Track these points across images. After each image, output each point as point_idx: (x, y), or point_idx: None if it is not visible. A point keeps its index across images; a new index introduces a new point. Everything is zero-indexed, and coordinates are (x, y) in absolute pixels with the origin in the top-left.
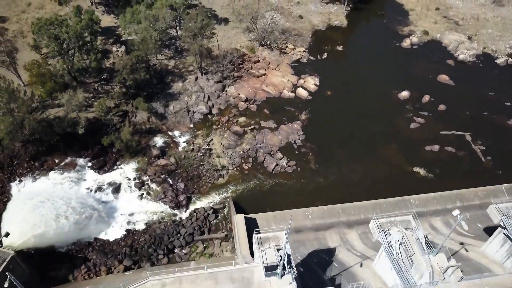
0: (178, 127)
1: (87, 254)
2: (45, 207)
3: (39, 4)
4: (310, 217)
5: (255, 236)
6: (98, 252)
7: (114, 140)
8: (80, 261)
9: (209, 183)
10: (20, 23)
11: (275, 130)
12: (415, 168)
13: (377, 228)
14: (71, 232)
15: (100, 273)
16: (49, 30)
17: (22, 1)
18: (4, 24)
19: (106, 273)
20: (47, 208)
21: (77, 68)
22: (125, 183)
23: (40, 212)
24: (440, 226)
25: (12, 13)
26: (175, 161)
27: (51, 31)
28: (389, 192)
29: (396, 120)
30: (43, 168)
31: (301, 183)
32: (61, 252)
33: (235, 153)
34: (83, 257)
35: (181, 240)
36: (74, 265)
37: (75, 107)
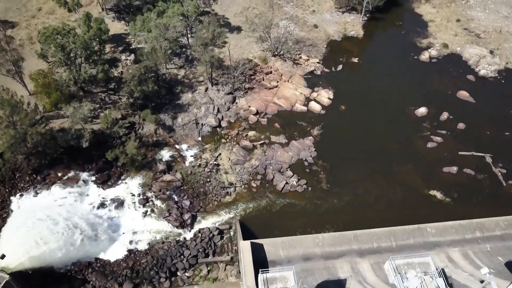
0: (186, 140)
1: (87, 276)
2: (43, 226)
3: (50, 9)
4: (320, 244)
5: (261, 276)
6: (98, 274)
7: (118, 155)
8: (79, 283)
9: (215, 201)
10: (30, 28)
11: (285, 145)
12: (432, 191)
13: (393, 270)
14: (70, 252)
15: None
16: (55, 39)
17: (32, 6)
18: (13, 30)
19: None
20: (45, 227)
21: (83, 79)
22: (129, 199)
23: (37, 232)
24: (458, 258)
25: (22, 18)
26: (181, 176)
27: (58, 41)
28: (404, 216)
29: (413, 139)
30: (45, 182)
31: (312, 204)
32: (60, 272)
33: (243, 169)
34: (82, 278)
35: (184, 263)
36: (72, 287)
37: (80, 120)
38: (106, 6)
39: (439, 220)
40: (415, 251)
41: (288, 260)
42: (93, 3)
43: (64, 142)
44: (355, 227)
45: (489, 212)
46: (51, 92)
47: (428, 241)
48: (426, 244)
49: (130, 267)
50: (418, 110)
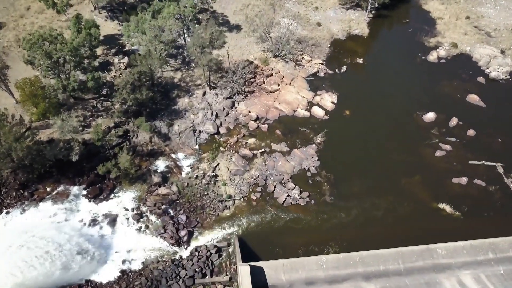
0: (183, 149)
1: None
2: (30, 249)
3: (39, 9)
4: (324, 266)
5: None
6: None
7: (111, 169)
8: None
9: (213, 216)
10: (18, 29)
11: (287, 154)
12: (441, 205)
13: None
14: (59, 276)
15: None
16: (41, 46)
17: (21, 6)
18: (0, 31)
19: None
20: (33, 250)
21: (72, 88)
22: (122, 215)
23: (24, 255)
24: (470, 282)
25: (10, 18)
26: (178, 189)
27: (44, 48)
28: (412, 233)
29: (420, 147)
30: (33, 198)
31: (315, 219)
32: None
33: (242, 180)
34: None
35: (180, 284)
36: None
37: (69, 132)
38: (99, 4)
39: (448, 236)
40: (425, 274)
41: (289, 284)
42: (85, 1)
43: (53, 156)
44: (360, 245)
45: (500, 228)
46: (38, 102)
47: (438, 263)
48: (436, 267)
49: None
50: (426, 115)
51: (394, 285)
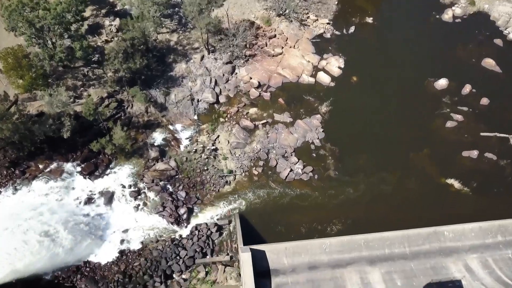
0: (181, 120)
1: (76, 282)
2: (24, 232)
3: None
4: (327, 250)
5: None
6: (87, 280)
7: (105, 145)
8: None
9: (213, 192)
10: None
11: (290, 126)
12: (450, 180)
13: None
14: (57, 258)
15: None
16: (22, 14)
17: None
18: None
19: None
20: (26, 233)
21: (59, 58)
22: (119, 192)
23: (17, 241)
24: (476, 266)
25: None
26: (176, 164)
27: (25, 16)
28: (418, 211)
29: (430, 117)
30: (25, 177)
31: (318, 195)
32: (46, 280)
33: (243, 154)
34: (71, 286)
35: (180, 264)
36: None
37: (58, 108)
38: None
39: (455, 214)
40: (431, 258)
41: (292, 268)
42: None
43: (42, 134)
44: (365, 223)
45: (510, 205)
46: (24, 73)
47: (445, 247)
48: (442, 250)
49: (122, 271)
50: (438, 82)
51: (399, 269)
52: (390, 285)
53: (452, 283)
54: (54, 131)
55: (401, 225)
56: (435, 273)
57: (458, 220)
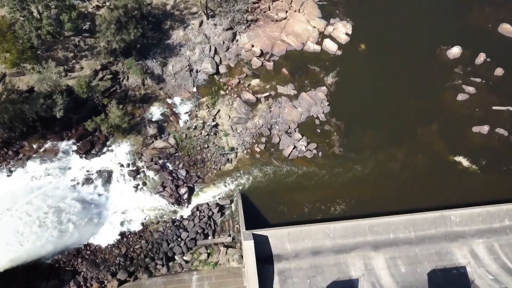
0: (179, 93)
1: (76, 266)
2: (21, 217)
3: None
4: (331, 235)
5: None
6: (88, 263)
7: (100, 124)
8: (69, 276)
9: (214, 170)
10: None
11: (294, 98)
12: (458, 157)
13: None
14: (55, 243)
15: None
16: None
17: None
18: None
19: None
20: (24, 218)
21: (47, 32)
22: (117, 171)
23: (14, 226)
24: (482, 252)
25: None
26: (175, 142)
27: None
28: (422, 190)
29: (441, 89)
30: (19, 158)
31: (322, 174)
32: (46, 264)
33: (245, 130)
34: (72, 270)
35: (182, 246)
36: (61, 282)
37: (49, 87)
38: None
39: (461, 193)
40: (436, 243)
41: (295, 254)
42: None
43: (34, 114)
44: (369, 202)
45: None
46: (9, 47)
47: (451, 231)
48: (448, 235)
49: (123, 254)
50: (450, 50)
51: (404, 254)
52: (394, 271)
53: (456, 269)
54: (46, 110)
55: (406, 204)
56: (439, 259)
57: (465, 200)
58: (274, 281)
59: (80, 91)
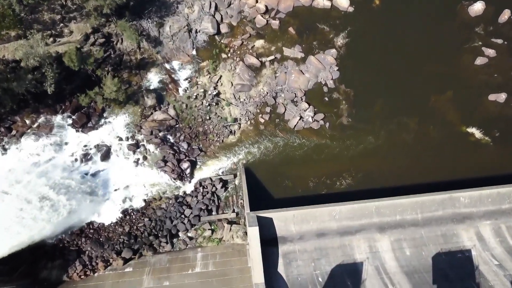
0: (177, 56)
1: (81, 245)
2: (21, 199)
3: None
4: (337, 217)
5: None
6: (92, 242)
7: (94, 98)
8: (74, 255)
9: (217, 142)
10: None
11: (301, 62)
12: (470, 128)
13: None
14: (57, 223)
15: (98, 268)
16: None
17: None
18: None
19: (104, 268)
20: (24, 200)
21: None
22: (115, 145)
23: (15, 209)
24: (488, 234)
25: None
26: (176, 113)
27: None
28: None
29: (459, 52)
30: (12, 134)
31: (329, 146)
32: (50, 244)
33: (248, 98)
34: (76, 249)
35: (185, 223)
36: (67, 261)
37: (36, 61)
38: None
39: (470, 167)
40: (442, 225)
41: (300, 235)
42: None
43: (23, 90)
44: (375, 176)
45: None
46: None
47: (459, 212)
48: (455, 216)
49: (127, 232)
50: (472, 6)
51: (409, 237)
52: (398, 254)
53: (461, 253)
54: (36, 85)
55: (412, 179)
56: (445, 241)
57: (475, 174)
58: (278, 263)
59: (71, 65)
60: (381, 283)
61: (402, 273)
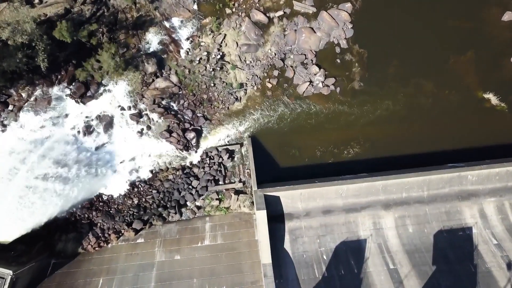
0: (177, 12)
1: (92, 218)
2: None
3: None
4: (344, 195)
5: None
6: (103, 215)
7: (92, 72)
8: (86, 228)
9: (222, 110)
10: None
11: (313, 19)
12: (487, 94)
13: None
14: (67, 199)
15: (111, 239)
16: None
17: None
18: None
19: (117, 239)
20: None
21: None
22: (118, 116)
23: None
24: (491, 212)
25: None
26: (178, 79)
27: None
28: (438, 132)
29: (486, 5)
30: (10, 110)
31: (338, 113)
32: (63, 218)
33: (255, 60)
34: (88, 222)
35: (193, 194)
36: (80, 234)
37: (24, 39)
38: None
39: (480, 136)
40: (447, 202)
41: (306, 212)
42: None
43: (14, 67)
44: (382, 144)
45: None
46: None
47: (465, 189)
48: (461, 193)
49: (136, 204)
50: None
51: (413, 213)
52: (401, 231)
53: (462, 231)
54: (28, 62)
55: (415, 148)
56: (448, 219)
57: (486, 142)
58: (285, 240)
59: (63, 39)
60: (383, 262)
61: (403, 252)
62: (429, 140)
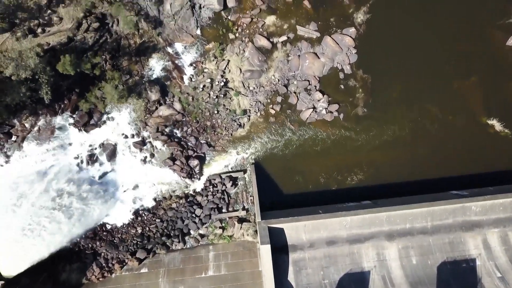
0: (180, 37)
1: (96, 248)
2: (30, 209)
3: None
4: (347, 226)
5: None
6: (107, 244)
7: (95, 102)
8: (90, 258)
9: (226, 136)
10: None
11: (316, 44)
12: (491, 120)
13: None
14: (71, 230)
15: (114, 269)
16: None
17: None
18: None
19: (120, 268)
20: (32, 209)
21: None
22: (121, 144)
23: (24, 219)
24: (495, 243)
25: None
26: (182, 106)
27: None
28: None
29: (490, 30)
30: (13, 140)
31: (342, 139)
32: (67, 249)
33: (258, 86)
34: (92, 252)
35: (196, 223)
36: (84, 264)
37: (27, 74)
38: None
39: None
40: (451, 233)
41: (310, 244)
42: None
43: (18, 100)
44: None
45: None
46: None
47: (469, 220)
48: (465, 224)
49: (140, 234)
50: None
51: (417, 244)
52: (405, 262)
53: (466, 262)
54: (31, 95)
55: (419, 174)
56: (451, 249)
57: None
58: (289, 272)
59: (66, 72)
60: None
61: (407, 284)
62: (433, 165)
